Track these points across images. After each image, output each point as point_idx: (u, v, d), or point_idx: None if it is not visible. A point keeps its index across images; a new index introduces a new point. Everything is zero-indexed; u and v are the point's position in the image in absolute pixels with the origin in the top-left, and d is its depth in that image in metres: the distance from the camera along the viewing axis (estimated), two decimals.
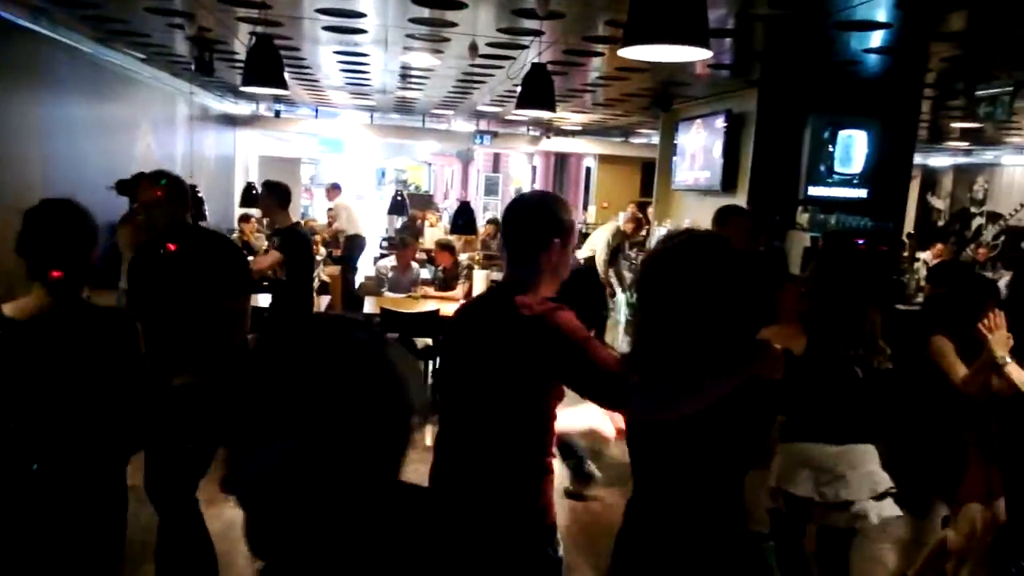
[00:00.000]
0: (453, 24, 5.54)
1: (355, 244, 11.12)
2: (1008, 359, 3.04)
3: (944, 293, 4.05)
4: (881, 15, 4.76)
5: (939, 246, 11.09)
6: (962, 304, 3.45)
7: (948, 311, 3.53)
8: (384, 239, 12.92)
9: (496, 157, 22.80)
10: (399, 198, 13.50)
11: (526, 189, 19.75)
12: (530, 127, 14.60)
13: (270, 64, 5.25)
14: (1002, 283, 7.56)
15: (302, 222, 9.54)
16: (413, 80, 8.88)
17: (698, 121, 8.69)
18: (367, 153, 26.80)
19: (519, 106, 5.37)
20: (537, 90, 5.18)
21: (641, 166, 16.55)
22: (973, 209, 15.68)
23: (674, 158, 9.41)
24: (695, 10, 2.58)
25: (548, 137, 15.18)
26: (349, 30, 6.06)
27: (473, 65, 7.21)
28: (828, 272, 3.02)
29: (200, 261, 3.25)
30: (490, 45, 6.12)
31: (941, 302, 3.73)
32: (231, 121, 13.99)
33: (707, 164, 8.33)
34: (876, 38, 5.41)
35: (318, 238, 9.94)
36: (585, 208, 16.95)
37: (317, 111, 13.81)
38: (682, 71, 7.23)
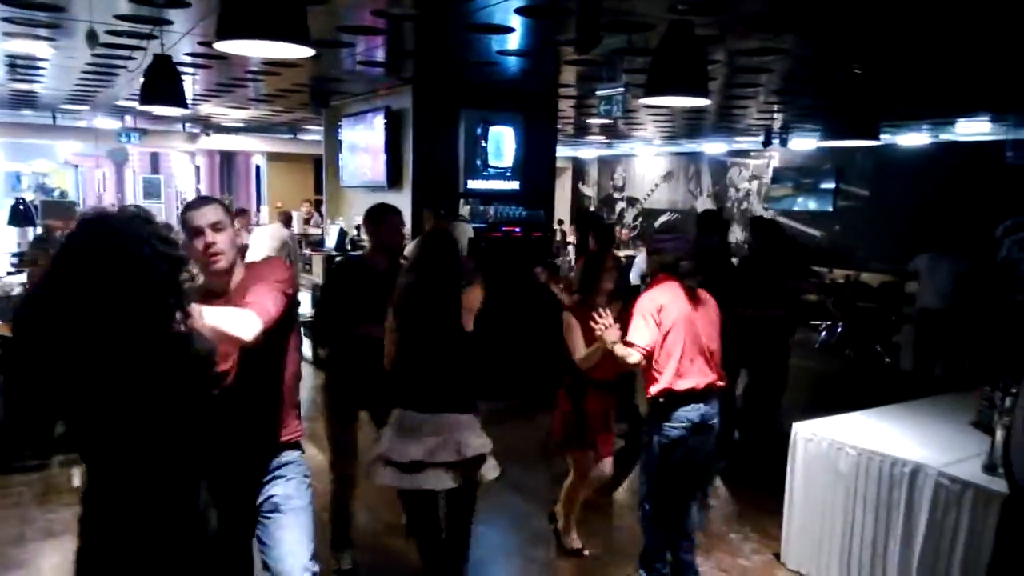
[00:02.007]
0: (58, 8, 4.91)
1: None
2: (615, 343, 3.46)
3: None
4: (502, 20, 5.11)
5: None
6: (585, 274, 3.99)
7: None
8: (14, 254, 11.13)
9: (155, 157, 20.90)
10: (21, 207, 11.68)
11: (190, 192, 18.40)
12: (186, 123, 13.57)
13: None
14: (640, 258, 8.67)
15: None
16: (25, 71, 7.75)
17: (359, 118, 8.72)
18: None
19: (143, 102, 4.92)
20: (162, 85, 4.78)
21: (313, 163, 16.26)
22: (615, 195, 17.79)
23: (340, 155, 9.35)
24: (291, 6, 2.52)
25: (208, 134, 14.23)
26: None
27: (97, 55, 6.47)
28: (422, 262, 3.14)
29: None
30: (112, 34, 5.53)
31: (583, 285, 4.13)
32: None
33: (372, 161, 8.39)
34: (511, 40, 5.81)
35: None
36: (258, 209, 16.25)
37: None
38: (336, 67, 7.17)
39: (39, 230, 11.26)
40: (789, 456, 3.78)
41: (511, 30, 5.46)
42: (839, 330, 10.43)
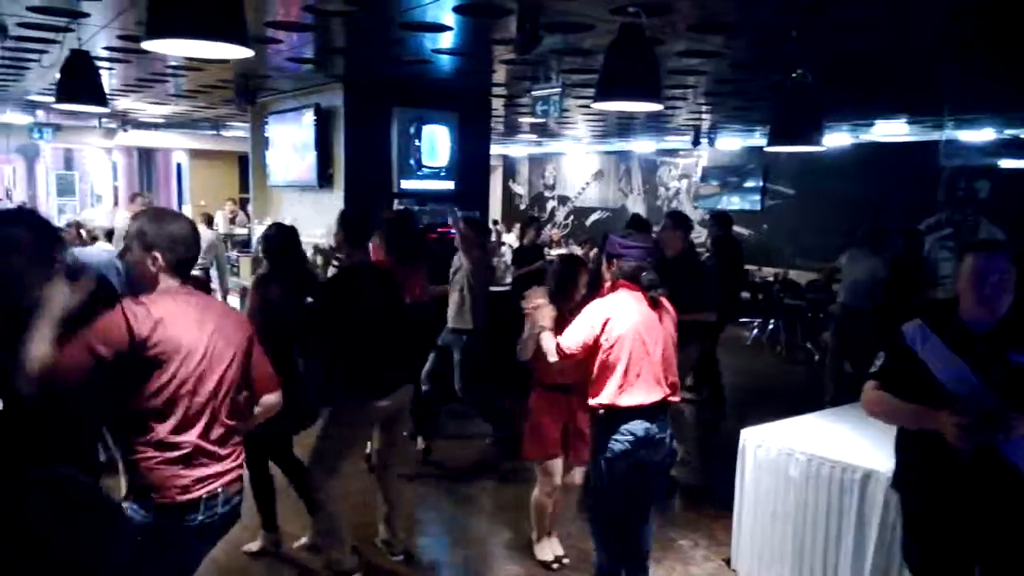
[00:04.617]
0: None
1: None
2: (546, 328, 3.39)
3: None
4: (440, 18, 4.99)
5: (524, 229, 12.28)
6: (560, 281, 3.86)
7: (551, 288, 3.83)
8: None
9: (69, 153, 19.92)
10: None
11: (107, 189, 17.61)
12: (102, 119, 12.93)
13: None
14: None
15: None
16: None
17: (288, 115, 8.43)
18: None
19: (60, 100, 4.61)
20: (80, 81, 4.48)
21: (238, 160, 15.76)
22: (546, 193, 17.82)
23: (267, 152, 9.03)
24: (226, 2, 2.34)
25: (125, 130, 13.61)
26: None
27: (7, 48, 6.05)
28: None
29: None
30: (23, 26, 5.17)
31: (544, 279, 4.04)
32: None
33: (301, 159, 8.12)
34: (444, 39, 5.68)
35: None
36: (180, 208, 15.64)
37: None
38: (262, 64, 6.90)
39: None
40: (738, 462, 3.79)
41: (448, 28, 5.33)
42: (769, 327, 10.68)
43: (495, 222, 12.95)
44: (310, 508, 4.05)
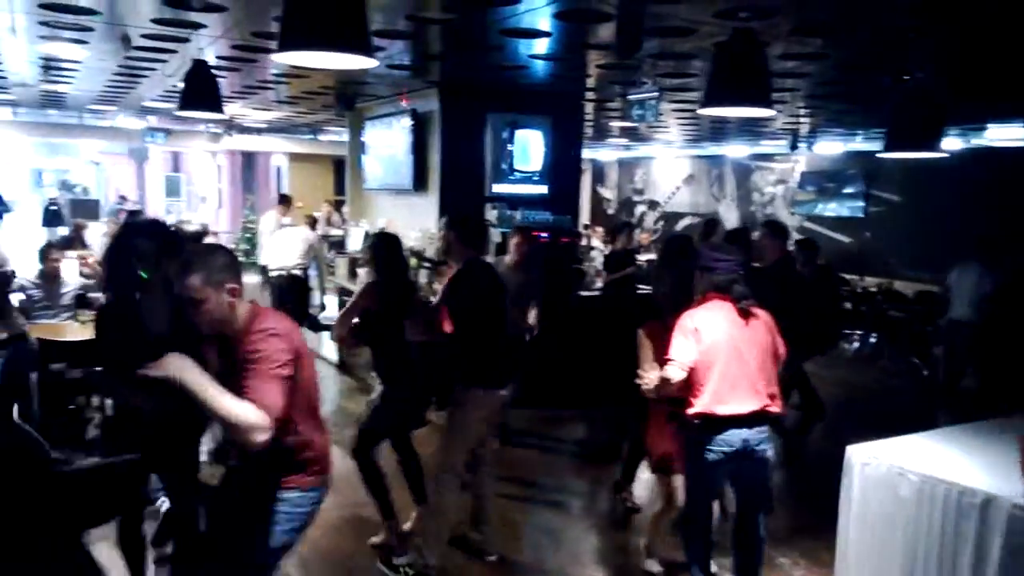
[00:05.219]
0: (94, 12, 4.84)
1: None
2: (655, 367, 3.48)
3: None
4: (540, 24, 5.01)
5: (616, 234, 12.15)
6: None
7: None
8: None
9: (176, 155, 20.97)
10: (53, 207, 11.73)
11: (211, 191, 18.43)
12: (209, 124, 13.56)
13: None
14: None
15: None
16: (59, 73, 7.73)
17: (384, 120, 8.63)
18: (15, 152, 23.04)
19: (183, 107, 4.85)
20: (200, 89, 4.71)
21: (334, 163, 16.22)
22: (635, 198, 17.64)
23: (363, 157, 9.28)
24: (354, 16, 2.43)
25: (230, 135, 14.21)
26: None
27: (129, 58, 6.42)
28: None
29: None
30: (146, 37, 5.47)
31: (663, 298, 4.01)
32: None
33: (397, 163, 8.30)
34: (540, 45, 5.71)
35: None
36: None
37: None
38: (363, 71, 7.09)
39: (67, 231, 11.25)
40: (843, 479, 3.64)
41: (546, 34, 5.35)
42: (871, 340, 10.25)
43: (586, 226, 12.90)
44: (418, 498, 4.23)
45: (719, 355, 3.28)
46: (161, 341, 2.54)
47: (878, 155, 7.77)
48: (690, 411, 3.33)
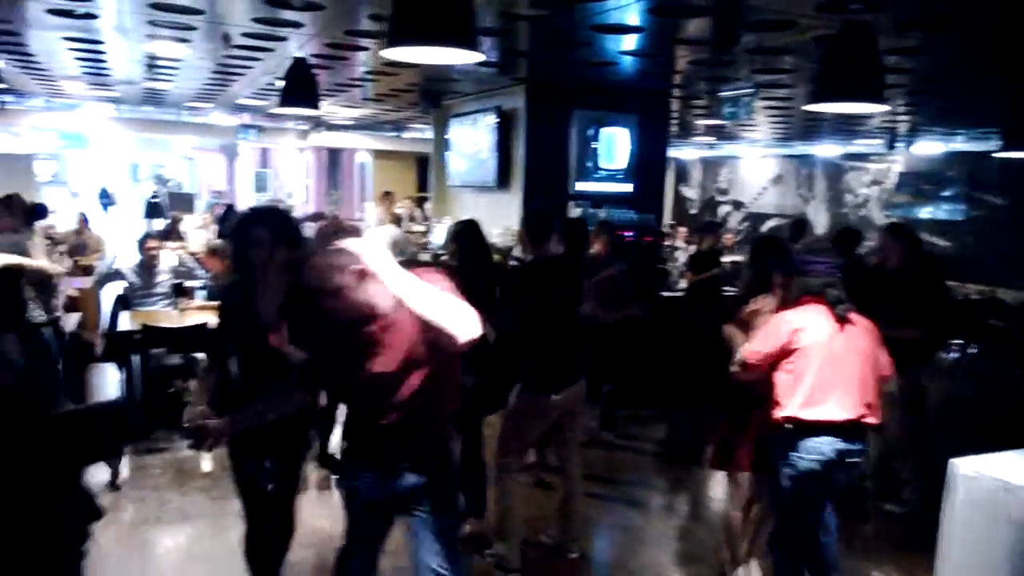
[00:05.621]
0: (198, 12, 5.03)
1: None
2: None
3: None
4: (633, 19, 4.94)
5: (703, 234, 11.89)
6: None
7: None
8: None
9: (264, 151, 21.65)
10: (155, 199, 12.28)
11: (299, 186, 18.93)
12: (298, 121, 13.95)
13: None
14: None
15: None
16: (161, 70, 8.07)
17: (469, 117, 8.69)
18: (116, 147, 24.26)
19: (283, 104, 4.99)
20: (300, 86, 4.83)
21: (416, 161, 16.44)
22: (719, 198, 17.28)
23: (447, 154, 9.36)
24: (461, 11, 2.45)
25: (318, 132, 14.59)
26: (78, 14, 5.32)
27: (228, 56, 6.65)
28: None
29: None
30: (246, 36, 5.65)
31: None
32: None
33: (480, 160, 8.34)
34: (629, 41, 5.64)
35: (63, 247, 8.69)
36: (363, 204, 16.56)
37: (51, 102, 12.25)
38: (449, 68, 7.15)
39: (165, 223, 11.75)
40: (946, 494, 3.47)
41: (639, 30, 5.28)
42: (970, 350, 9.75)
43: (671, 226, 12.68)
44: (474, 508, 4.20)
45: (813, 359, 3.18)
46: (269, 327, 2.59)
47: (947, 149, 7.34)
48: (779, 413, 3.24)
